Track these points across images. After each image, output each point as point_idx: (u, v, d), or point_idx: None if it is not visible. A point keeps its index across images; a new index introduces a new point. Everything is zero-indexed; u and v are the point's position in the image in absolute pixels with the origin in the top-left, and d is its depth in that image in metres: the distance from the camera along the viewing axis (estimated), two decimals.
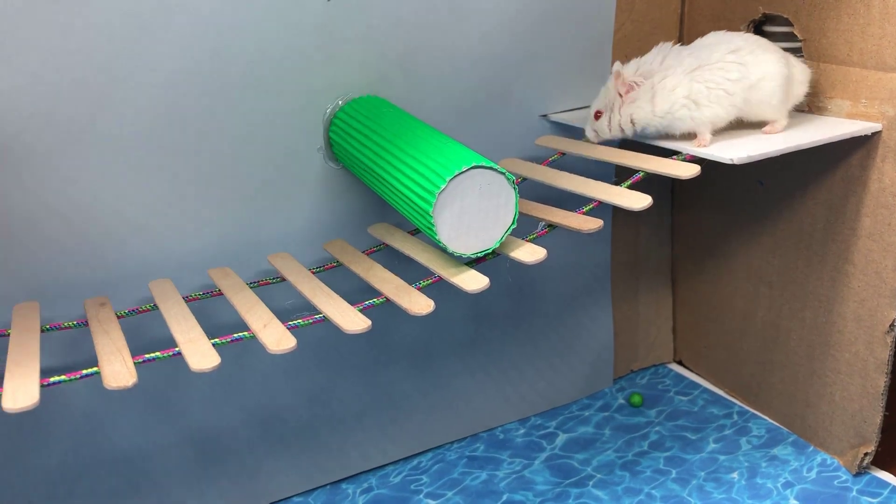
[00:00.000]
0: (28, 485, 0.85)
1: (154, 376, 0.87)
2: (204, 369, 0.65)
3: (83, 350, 0.82)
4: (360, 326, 0.70)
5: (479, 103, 0.97)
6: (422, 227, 0.75)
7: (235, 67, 0.82)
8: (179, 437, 0.92)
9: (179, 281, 0.84)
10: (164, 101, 0.80)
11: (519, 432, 1.11)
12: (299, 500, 0.99)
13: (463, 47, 0.93)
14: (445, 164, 0.71)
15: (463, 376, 1.08)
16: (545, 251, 0.75)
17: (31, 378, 0.63)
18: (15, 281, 0.78)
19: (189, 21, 0.79)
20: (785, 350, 1.05)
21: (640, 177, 0.83)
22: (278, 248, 0.89)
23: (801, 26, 0.93)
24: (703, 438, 1.07)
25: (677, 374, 1.22)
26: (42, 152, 0.76)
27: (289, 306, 0.86)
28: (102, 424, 0.87)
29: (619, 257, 1.17)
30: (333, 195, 0.91)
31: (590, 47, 1.01)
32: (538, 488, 0.99)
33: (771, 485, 0.97)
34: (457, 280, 0.74)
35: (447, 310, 1.02)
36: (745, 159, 0.80)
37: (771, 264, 1.04)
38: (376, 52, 0.89)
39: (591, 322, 1.15)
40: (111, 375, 0.64)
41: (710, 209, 1.13)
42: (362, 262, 0.83)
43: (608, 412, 1.14)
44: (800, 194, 0.98)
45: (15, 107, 0.74)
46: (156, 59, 0.78)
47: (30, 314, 0.76)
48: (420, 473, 1.04)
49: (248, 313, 0.73)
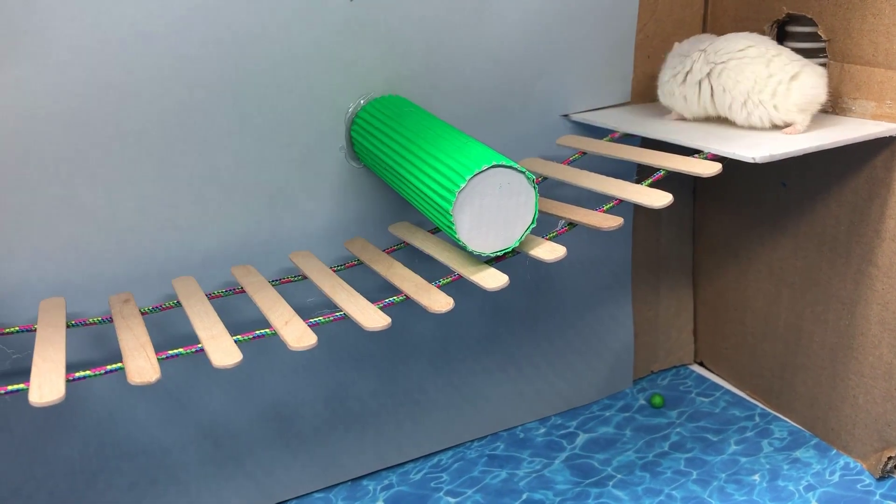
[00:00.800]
0: (50, 477, 0.86)
1: (174, 372, 0.88)
2: (226, 366, 0.66)
3: (107, 345, 0.83)
4: (381, 324, 0.70)
5: (500, 103, 0.97)
6: (442, 225, 0.75)
7: (259, 67, 0.83)
8: (198, 432, 0.92)
9: (203, 278, 0.84)
10: (187, 100, 0.81)
11: (539, 432, 1.11)
12: (320, 496, 1.00)
13: (484, 47, 0.94)
14: (465, 163, 0.72)
15: (481, 375, 1.08)
16: (565, 249, 0.75)
17: (57, 373, 0.64)
18: (41, 276, 0.80)
19: (214, 22, 0.80)
20: (807, 352, 1.04)
21: (662, 175, 0.83)
22: (300, 246, 0.90)
23: (825, 26, 0.93)
24: (725, 440, 1.06)
25: (699, 376, 1.22)
26: (68, 150, 0.77)
27: (310, 304, 0.87)
28: (123, 418, 0.88)
29: (640, 257, 1.16)
30: (355, 194, 0.92)
31: (612, 47, 1.01)
32: (558, 487, 0.99)
33: (793, 487, 0.96)
34: (476, 278, 0.74)
35: (466, 308, 1.02)
36: (767, 158, 0.80)
37: (793, 266, 1.04)
38: (398, 51, 0.89)
39: (610, 322, 1.15)
40: (135, 371, 0.64)
41: (732, 209, 1.12)
42: (383, 261, 0.84)
43: (629, 413, 1.14)
44: (823, 195, 0.98)
45: (42, 105, 0.75)
46: (180, 59, 0.79)
47: (56, 310, 0.77)
48: (440, 471, 1.04)
49: (269, 311, 0.74)
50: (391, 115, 0.84)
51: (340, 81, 0.87)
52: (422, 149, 0.77)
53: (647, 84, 1.05)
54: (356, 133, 0.88)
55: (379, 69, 0.89)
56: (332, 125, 0.88)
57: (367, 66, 0.88)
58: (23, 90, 0.74)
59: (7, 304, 0.79)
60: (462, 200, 0.71)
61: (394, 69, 0.90)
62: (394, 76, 0.90)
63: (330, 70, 0.86)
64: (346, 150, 0.90)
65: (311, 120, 0.87)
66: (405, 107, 0.86)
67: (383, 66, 0.89)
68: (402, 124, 0.82)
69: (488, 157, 0.72)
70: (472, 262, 0.77)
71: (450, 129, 0.80)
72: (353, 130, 0.88)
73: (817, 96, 0.87)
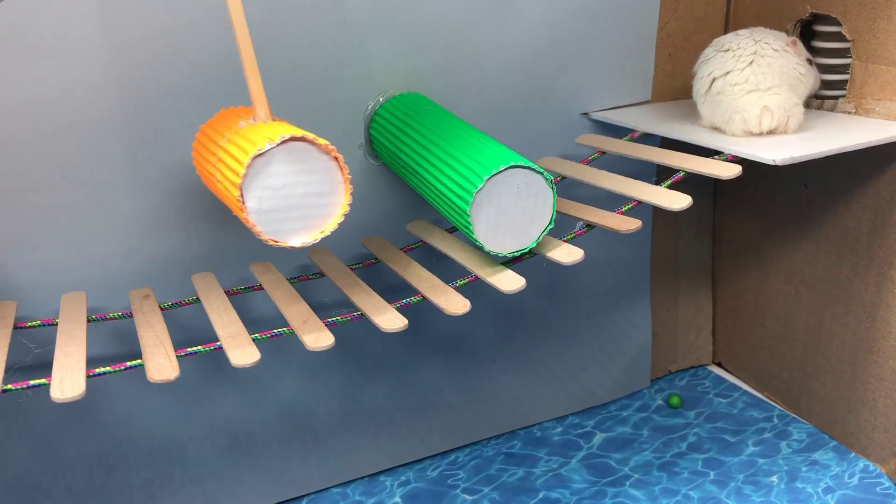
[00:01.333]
0: (68, 471, 0.87)
1: (191, 368, 0.88)
2: (244, 365, 0.66)
3: (126, 340, 0.84)
4: (397, 325, 0.70)
5: (519, 101, 0.96)
6: (459, 225, 0.75)
7: (279, 64, 0.83)
8: (214, 429, 0.93)
9: (221, 274, 0.85)
10: (206, 96, 0.81)
11: (556, 430, 1.11)
12: (338, 491, 1.01)
13: (504, 45, 0.93)
14: (483, 163, 0.72)
15: (497, 376, 1.08)
16: (582, 252, 0.75)
17: (77, 369, 0.64)
18: (63, 271, 0.80)
19: None
20: (826, 355, 1.03)
21: (681, 176, 0.83)
22: (318, 244, 0.90)
23: (849, 26, 0.92)
24: (743, 441, 1.06)
25: (717, 376, 1.21)
26: (91, 146, 0.78)
27: (328, 303, 0.87)
28: (140, 414, 0.89)
29: (659, 258, 1.16)
30: (373, 192, 0.92)
31: (633, 45, 1.01)
32: (575, 486, 0.99)
33: (811, 489, 0.95)
34: (493, 280, 0.74)
35: (482, 308, 1.02)
36: (788, 160, 0.79)
37: (814, 268, 1.03)
38: (418, 49, 0.89)
39: (628, 323, 1.15)
40: (154, 368, 0.65)
41: (752, 210, 1.11)
42: (400, 260, 0.84)
43: (646, 413, 1.14)
44: (845, 197, 0.97)
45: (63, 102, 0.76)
46: (198, 54, 0.79)
47: (77, 304, 0.78)
48: (457, 468, 1.04)
49: (287, 309, 0.74)
50: (410, 113, 0.84)
51: (359, 79, 0.87)
52: (440, 147, 0.77)
53: (668, 83, 1.05)
54: (375, 130, 0.88)
55: (398, 67, 0.89)
56: (352, 122, 0.89)
57: (386, 64, 0.88)
58: (45, 88, 0.75)
59: (29, 297, 0.79)
60: (479, 200, 0.71)
61: (413, 67, 0.90)
62: (413, 74, 0.90)
63: (349, 67, 0.86)
64: (365, 147, 0.90)
65: (331, 117, 0.87)
66: (424, 105, 0.86)
67: (403, 64, 0.89)
68: (420, 122, 0.82)
69: (506, 157, 0.72)
70: (490, 263, 0.77)
71: (468, 128, 0.80)
72: (372, 128, 0.88)
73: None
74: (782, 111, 0.87)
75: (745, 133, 0.88)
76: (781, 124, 0.87)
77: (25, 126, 0.75)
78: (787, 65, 0.89)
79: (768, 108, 0.87)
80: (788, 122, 0.88)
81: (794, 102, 0.88)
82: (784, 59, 0.89)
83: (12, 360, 0.76)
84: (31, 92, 0.74)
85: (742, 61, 0.88)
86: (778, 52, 0.88)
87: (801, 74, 0.90)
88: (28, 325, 0.77)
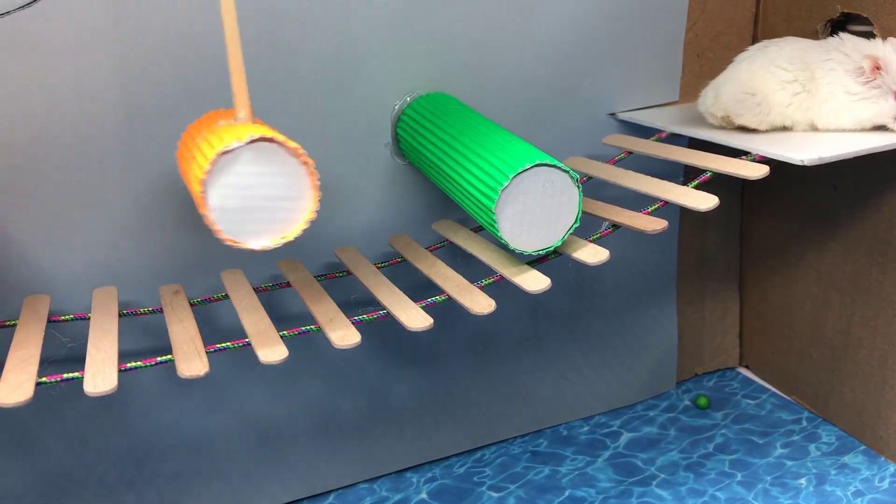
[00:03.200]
0: (100, 463, 0.89)
1: (220, 364, 0.89)
2: (272, 362, 0.67)
3: (157, 335, 0.85)
4: (423, 325, 0.71)
5: (546, 101, 0.97)
6: (484, 223, 0.76)
7: (307, 64, 0.84)
8: (242, 424, 0.94)
9: (250, 271, 0.86)
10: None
11: (583, 430, 1.11)
12: (365, 487, 1.01)
13: (531, 44, 0.93)
14: (509, 161, 0.72)
15: (522, 374, 1.08)
16: (608, 252, 0.75)
17: (110, 364, 0.65)
18: (94, 265, 0.82)
19: (262, 17, 0.81)
20: (855, 359, 1.02)
21: (708, 177, 0.82)
22: (345, 242, 0.91)
23: (880, 25, 0.91)
24: (771, 443, 1.05)
25: (745, 378, 1.21)
26: (122, 142, 0.79)
27: (354, 301, 0.88)
28: (169, 408, 0.90)
29: (686, 259, 1.15)
30: (400, 190, 0.93)
31: (660, 45, 1.00)
32: (601, 485, 0.99)
33: (840, 493, 0.95)
34: (518, 280, 0.74)
35: (507, 306, 1.02)
36: (816, 161, 0.78)
37: (843, 270, 1.02)
38: (444, 49, 0.90)
39: (654, 324, 1.14)
40: (185, 364, 0.66)
41: (780, 212, 1.11)
42: (426, 259, 0.84)
43: (673, 413, 1.13)
44: (874, 199, 0.96)
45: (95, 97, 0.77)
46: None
47: (108, 299, 0.79)
48: (483, 466, 1.04)
49: (314, 307, 0.75)
50: (436, 113, 0.85)
51: (387, 78, 0.88)
52: (466, 146, 0.78)
53: (696, 83, 1.04)
54: (402, 130, 0.88)
55: (425, 66, 0.89)
56: (379, 122, 0.89)
57: (413, 64, 0.89)
58: (77, 86, 0.76)
59: (62, 291, 0.81)
60: (505, 199, 0.72)
61: (440, 67, 0.90)
62: (440, 73, 0.90)
63: (376, 67, 0.87)
64: (392, 146, 0.91)
65: (358, 117, 0.88)
66: (451, 104, 0.86)
67: (430, 64, 0.90)
68: (447, 122, 0.82)
69: (532, 155, 0.72)
70: (515, 263, 0.77)
71: (494, 126, 0.80)
72: (399, 127, 0.89)
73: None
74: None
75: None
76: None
77: (61, 125, 0.76)
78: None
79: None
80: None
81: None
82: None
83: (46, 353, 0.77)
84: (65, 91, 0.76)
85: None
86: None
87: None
88: (62, 319, 0.79)
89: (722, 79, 0.91)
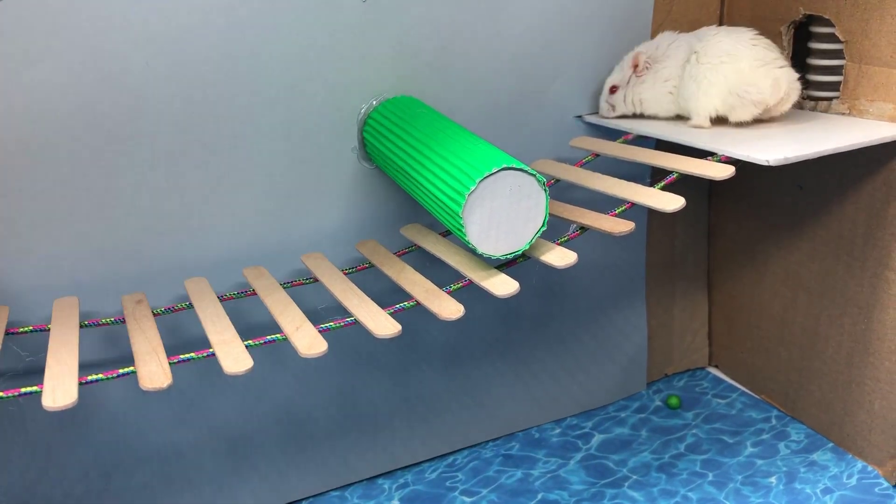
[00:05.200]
0: (66, 479, 0.87)
1: (187, 373, 0.88)
2: (237, 373, 0.66)
3: (120, 345, 0.84)
4: (391, 331, 0.70)
5: (513, 104, 0.97)
6: (452, 228, 0.75)
7: (271, 67, 0.83)
8: (211, 433, 0.93)
9: (214, 279, 0.85)
10: (201, 100, 0.81)
11: (555, 432, 1.11)
12: (336, 495, 1.00)
13: (498, 48, 0.93)
14: (476, 165, 0.72)
15: (494, 378, 1.08)
16: (576, 255, 0.75)
17: (70, 376, 0.64)
18: (55, 275, 0.80)
19: (226, 21, 0.80)
20: (823, 357, 1.03)
21: (674, 178, 0.82)
22: (311, 248, 0.90)
23: (842, 27, 0.92)
24: (741, 442, 1.05)
25: (715, 377, 1.21)
26: (82, 150, 0.78)
27: (321, 310, 0.87)
28: (136, 419, 0.89)
29: (655, 259, 1.16)
30: (367, 195, 0.92)
31: (626, 47, 1.00)
32: (573, 488, 0.99)
33: (810, 490, 0.95)
34: (487, 284, 0.74)
35: (477, 310, 1.02)
36: (782, 161, 0.79)
37: (810, 269, 1.03)
38: (411, 52, 0.89)
39: (624, 325, 1.15)
40: (147, 376, 0.65)
41: (747, 212, 1.11)
42: (394, 264, 0.84)
43: (644, 414, 1.14)
44: (839, 198, 0.96)
45: (55, 106, 0.76)
46: (192, 58, 0.80)
47: (69, 309, 0.77)
48: (455, 471, 1.04)
49: (280, 315, 0.74)
50: (403, 116, 0.84)
51: (353, 82, 0.88)
52: (433, 150, 0.77)
53: None
54: (368, 134, 0.88)
55: (392, 70, 0.89)
56: (345, 126, 0.89)
57: (379, 67, 0.88)
58: (37, 91, 0.75)
59: (21, 302, 0.79)
60: (472, 203, 0.71)
61: (407, 70, 0.90)
62: (406, 77, 0.90)
63: (342, 70, 0.86)
64: (359, 150, 0.90)
65: (324, 120, 0.87)
66: (417, 108, 0.86)
67: (396, 67, 0.89)
68: (413, 125, 0.82)
69: (499, 159, 0.72)
70: (483, 267, 0.77)
71: (461, 130, 0.80)
72: (366, 131, 0.88)
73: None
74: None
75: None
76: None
77: (18, 131, 0.75)
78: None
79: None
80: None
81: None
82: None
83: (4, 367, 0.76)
84: (23, 97, 0.74)
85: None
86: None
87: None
88: (20, 331, 0.77)
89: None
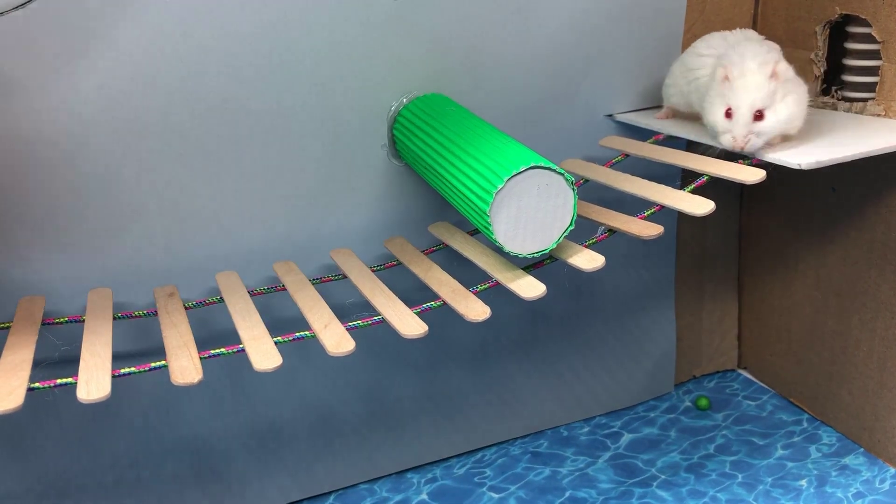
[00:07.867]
0: (98, 468, 0.89)
1: (218, 367, 0.89)
2: (266, 369, 0.66)
3: (152, 337, 0.85)
4: (418, 332, 0.70)
5: (543, 102, 0.96)
6: (479, 226, 0.75)
7: (303, 65, 0.84)
8: (241, 427, 0.94)
9: (245, 273, 0.86)
10: (234, 97, 0.82)
11: (583, 431, 1.11)
12: (365, 487, 1.01)
13: (528, 46, 0.93)
14: (504, 163, 0.72)
15: (520, 377, 1.08)
16: (603, 259, 0.74)
17: (103, 369, 0.65)
18: (90, 267, 0.82)
19: (259, 19, 0.81)
20: (854, 361, 1.02)
21: (705, 180, 0.82)
22: (340, 243, 0.91)
23: (879, 27, 0.90)
24: (772, 444, 1.05)
25: (746, 379, 1.20)
26: (118, 146, 0.79)
27: (349, 304, 0.88)
28: (167, 411, 0.90)
29: (685, 261, 1.15)
30: (396, 192, 0.92)
31: (658, 47, 1.00)
32: (601, 486, 0.99)
33: (841, 494, 0.94)
34: (514, 286, 0.74)
35: (505, 310, 1.02)
36: (814, 165, 0.78)
37: (841, 273, 1.01)
38: (441, 50, 0.89)
39: (652, 327, 1.14)
40: (178, 371, 0.65)
41: (779, 215, 1.10)
42: (421, 263, 0.84)
43: (674, 414, 1.13)
44: (873, 202, 0.95)
45: (89, 101, 0.77)
46: (226, 56, 0.80)
47: (103, 301, 0.79)
48: (484, 467, 1.04)
49: (309, 312, 0.75)
50: (433, 114, 0.84)
51: (383, 79, 0.88)
52: (462, 148, 0.77)
53: None
54: (398, 131, 0.88)
55: (422, 68, 0.89)
56: (375, 123, 0.89)
57: (410, 65, 0.88)
58: (71, 89, 0.76)
59: (57, 293, 0.81)
60: (499, 201, 0.71)
61: (437, 68, 0.90)
62: (437, 75, 0.90)
63: (373, 68, 0.87)
64: (388, 148, 0.90)
65: (354, 118, 0.88)
66: (447, 105, 0.86)
67: (426, 65, 0.89)
68: (443, 123, 0.82)
69: (527, 157, 0.72)
70: (511, 268, 0.77)
71: (491, 128, 0.80)
72: (395, 129, 0.89)
73: None
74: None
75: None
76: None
77: (54, 129, 0.76)
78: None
79: None
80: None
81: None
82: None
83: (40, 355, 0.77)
84: (58, 96, 0.76)
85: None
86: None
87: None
88: (56, 321, 0.79)
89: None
